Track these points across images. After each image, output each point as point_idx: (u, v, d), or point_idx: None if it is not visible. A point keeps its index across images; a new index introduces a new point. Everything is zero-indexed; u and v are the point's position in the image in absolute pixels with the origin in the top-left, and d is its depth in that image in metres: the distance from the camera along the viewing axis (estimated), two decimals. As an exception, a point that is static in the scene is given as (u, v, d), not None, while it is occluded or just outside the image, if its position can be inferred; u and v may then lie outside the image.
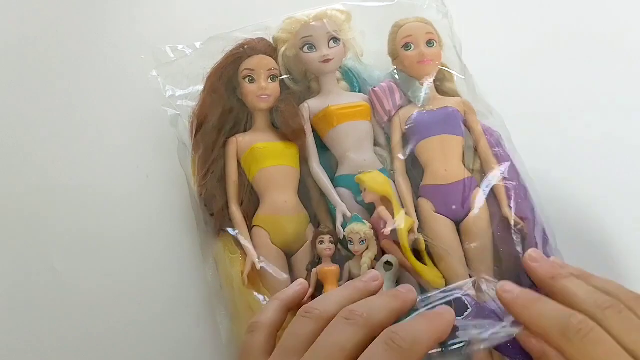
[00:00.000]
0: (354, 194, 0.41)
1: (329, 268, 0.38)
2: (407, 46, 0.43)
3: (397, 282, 0.39)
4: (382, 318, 0.29)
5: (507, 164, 0.41)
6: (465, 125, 0.43)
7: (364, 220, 0.39)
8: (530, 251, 0.34)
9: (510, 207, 0.40)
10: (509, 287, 0.32)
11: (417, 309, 0.33)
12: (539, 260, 0.33)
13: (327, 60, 0.43)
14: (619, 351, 0.27)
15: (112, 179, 0.48)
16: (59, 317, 0.43)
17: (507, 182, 0.40)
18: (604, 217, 0.45)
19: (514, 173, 0.41)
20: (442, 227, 0.40)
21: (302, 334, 0.29)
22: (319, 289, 0.38)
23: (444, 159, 0.41)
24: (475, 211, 0.40)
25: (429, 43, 0.43)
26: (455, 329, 0.31)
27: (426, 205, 0.41)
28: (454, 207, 0.40)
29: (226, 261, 0.39)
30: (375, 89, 0.43)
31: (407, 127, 0.43)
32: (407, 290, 0.32)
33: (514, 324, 0.31)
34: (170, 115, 0.43)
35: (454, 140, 0.42)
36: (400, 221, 0.39)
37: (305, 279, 0.38)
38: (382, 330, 0.28)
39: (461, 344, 0.32)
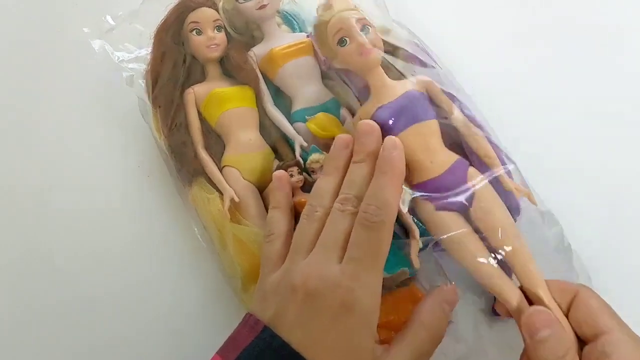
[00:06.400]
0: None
1: (303, 199, 0.40)
2: (341, 42, 0.39)
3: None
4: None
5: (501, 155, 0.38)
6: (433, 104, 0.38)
7: (321, 151, 0.42)
8: None
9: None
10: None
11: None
12: None
13: (262, 6, 0.45)
14: None
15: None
16: (59, 305, 0.44)
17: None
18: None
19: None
20: (451, 224, 0.36)
21: (309, 234, 0.35)
22: (297, 220, 0.40)
23: (426, 150, 0.37)
24: (478, 195, 0.36)
25: (364, 29, 0.39)
26: None
27: (425, 206, 0.36)
28: (452, 198, 0.36)
29: (205, 202, 0.41)
30: (309, 35, 0.45)
31: None
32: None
33: None
34: (126, 77, 0.45)
35: (429, 126, 0.37)
36: None
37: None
38: None
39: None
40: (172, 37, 0.44)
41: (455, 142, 0.38)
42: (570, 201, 0.40)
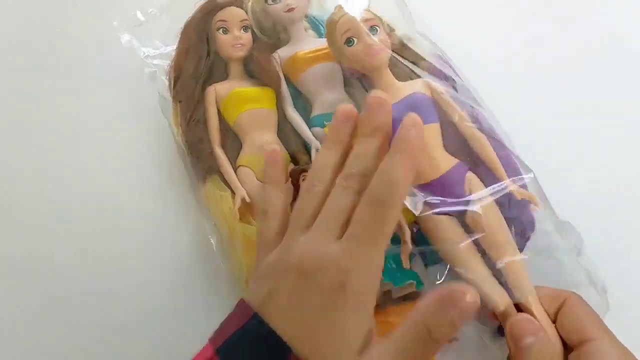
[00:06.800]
0: (329, 129, 0.44)
1: None
2: (349, 41, 0.39)
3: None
4: (375, 165, 0.31)
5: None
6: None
7: None
8: None
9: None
10: None
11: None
12: None
13: (290, 9, 0.45)
14: None
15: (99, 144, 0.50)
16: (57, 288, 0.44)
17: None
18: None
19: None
20: (445, 227, 0.36)
21: (309, 209, 0.32)
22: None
23: (425, 153, 0.36)
24: (475, 201, 0.35)
25: (372, 30, 0.39)
26: None
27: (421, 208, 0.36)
28: (449, 201, 0.36)
29: (217, 199, 0.41)
30: None
31: None
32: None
33: None
34: (148, 72, 0.46)
35: (431, 129, 0.37)
36: None
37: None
38: None
39: None
40: (198, 33, 0.44)
41: (464, 148, 0.38)
42: (570, 201, 0.38)
